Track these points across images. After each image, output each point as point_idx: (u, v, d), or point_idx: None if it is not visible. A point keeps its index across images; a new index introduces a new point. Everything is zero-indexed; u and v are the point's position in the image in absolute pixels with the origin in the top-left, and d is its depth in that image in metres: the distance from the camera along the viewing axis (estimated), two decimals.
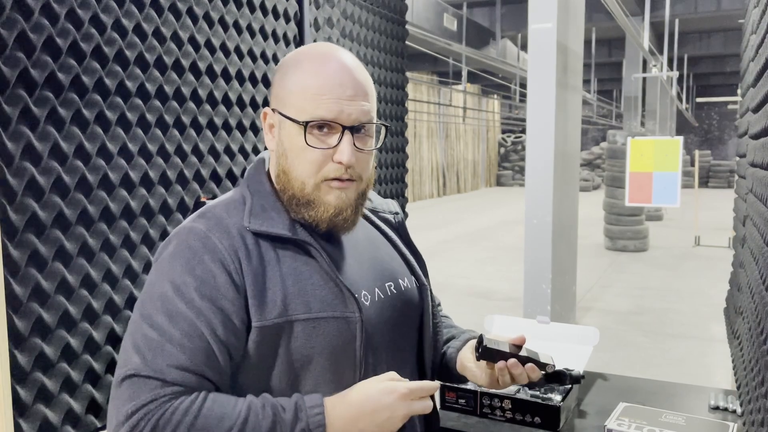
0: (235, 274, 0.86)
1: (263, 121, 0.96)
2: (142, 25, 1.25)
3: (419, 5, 8.26)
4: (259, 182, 0.96)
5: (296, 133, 0.90)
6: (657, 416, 1.32)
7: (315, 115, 0.89)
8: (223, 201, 0.95)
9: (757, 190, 1.42)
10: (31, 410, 1.04)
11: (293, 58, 0.94)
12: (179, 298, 0.84)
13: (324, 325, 0.89)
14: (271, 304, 0.86)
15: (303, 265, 0.90)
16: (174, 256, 0.87)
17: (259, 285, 0.87)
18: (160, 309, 0.84)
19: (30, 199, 1.04)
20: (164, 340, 0.82)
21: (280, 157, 0.93)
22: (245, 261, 0.87)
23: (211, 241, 0.87)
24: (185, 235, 0.88)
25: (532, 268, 4.58)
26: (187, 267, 0.85)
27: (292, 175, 0.91)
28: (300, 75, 0.90)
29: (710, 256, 8.34)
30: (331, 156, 0.90)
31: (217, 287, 0.85)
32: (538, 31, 4.43)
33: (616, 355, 4.49)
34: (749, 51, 1.86)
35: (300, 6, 1.77)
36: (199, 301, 0.84)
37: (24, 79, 1.03)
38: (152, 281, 0.87)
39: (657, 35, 12.15)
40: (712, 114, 26.26)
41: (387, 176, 2.34)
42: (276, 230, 0.90)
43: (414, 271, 1.08)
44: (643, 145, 5.21)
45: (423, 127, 17.03)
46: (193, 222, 0.90)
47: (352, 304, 0.91)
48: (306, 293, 0.89)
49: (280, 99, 0.92)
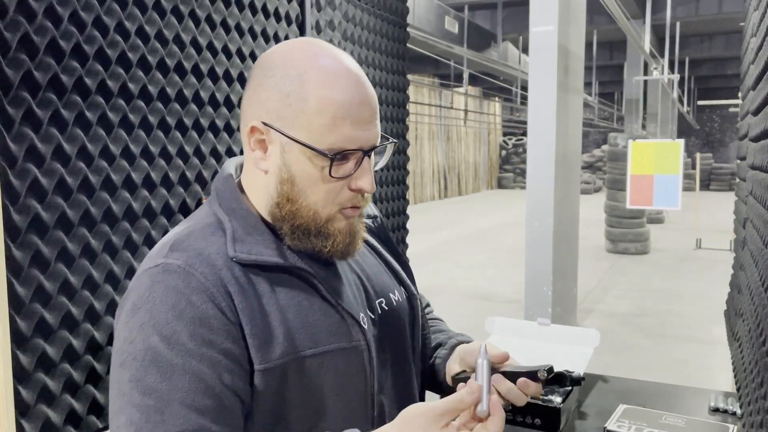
0: (229, 312, 0.74)
1: (249, 137, 0.82)
2: (145, 27, 1.26)
3: (421, 8, 8.27)
4: (234, 200, 0.83)
5: (311, 159, 0.78)
6: (657, 418, 1.33)
7: (337, 145, 0.77)
8: (195, 227, 0.81)
9: (757, 193, 1.42)
10: (33, 410, 1.04)
11: (289, 64, 0.79)
12: (172, 351, 0.71)
13: (332, 359, 0.79)
14: (273, 342, 0.76)
15: (300, 293, 0.80)
16: (152, 302, 0.73)
17: (257, 322, 0.75)
18: (151, 368, 0.70)
19: (33, 200, 1.05)
20: (163, 406, 0.69)
21: (283, 183, 0.80)
22: (238, 296, 0.75)
23: (194, 278, 0.74)
24: (159, 274, 0.74)
25: (533, 270, 4.58)
26: (173, 312, 0.72)
27: (302, 204, 0.80)
28: (310, 90, 0.77)
29: (711, 258, 8.34)
30: (348, 182, 0.80)
31: (213, 329, 0.73)
32: (540, 34, 4.43)
33: (618, 358, 4.49)
34: (749, 54, 1.86)
35: (302, 9, 1.77)
36: (197, 350, 0.72)
37: (27, 81, 1.03)
38: (129, 337, 0.73)
39: (658, 38, 12.16)
40: (713, 117, 26.25)
41: (388, 178, 2.35)
42: (267, 258, 0.79)
43: (402, 280, 0.99)
44: (644, 148, 5.22)
45: (424, 129, 17.04)
46: (165, 258, 0.76)
47: (356, 332, 0.82)
48: (309, 325, 0.79)
49: (281, 115, 0.78)
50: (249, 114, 0.81)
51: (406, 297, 0.98)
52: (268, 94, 0.79)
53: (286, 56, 0.80)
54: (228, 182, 0.85)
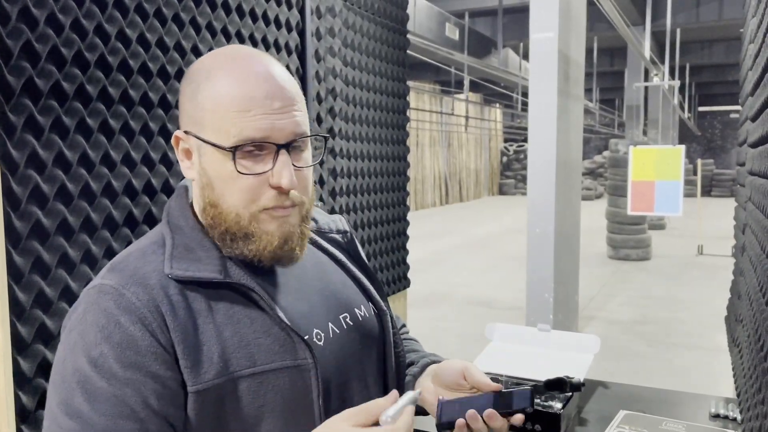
0: (160, 333, 0.72)
1: (176, 148, 0.80)
2: (146, 34, 1.27)
3: (421, 15, 8.31)
4: (181, 217, 0.81)
5: (221, 159, 0.75)
6: (657, 424, 1.32)
7: (242, 137, 0.74)
8: (139, 247, 0.80)
9: (756, 199, 1.43)
10: (34, 416, 1.05)
11: (202, 68, 0.77)
12: (98, 374, 0.69)
13: (273, 379, 0.76)
14: (207, 362, 0.73)
15: (241, 310, 0.77)
16: (84, 323, 0.72)
17: (189, 342, 0.73)
18: (77, 390, 0.69)
19: (34, 206, 1.05)
20: (86, 430, 0.68)
21: (204, 188, 0.78)
22: (170, 316, 0.73)
23: (125, 299, 0.72)
24: (94, 296, 0.73)
25: (535, 277, 4.58)
26: (102, 334, 0.70)
27: (222, 207, 0.77)
28: (215, 88, 0.75)
29: (714, 265, 8.32)
30: (267, 180, 0.76)
31: (140, 352, 0.71)
32: (540, 41, 4.45)
33: (620, 365, 4.48)
34: (748, 60, 1.87)
35: (302, 16, 1.78)
36: (123, 373, 0.70)
37: (29, 88, 1.04)
38: (62, 357, 0.72)
39: (659, 44, 12.19)
40: (714, 123, 26.27)
41: (389, 185, 2.35)
42: (204, 274, 0.76)
43: (371, 296, 0.95)
44: (645, 154, 5.22)
45: (425, 135, 17.07)
46: (102, 279, 0.75)
47: (302, 349, 0.78)
48: (248, 344, 0.75)
49: (195, 119, 0.77)
50: (179, 123, 0.81)
51: (375, 313, 0.95)
52: (184, 100, 0.79)
53: (201, 62, 0.79)
54: (180, 198, 0.84)
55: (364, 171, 2.20)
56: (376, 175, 2.27)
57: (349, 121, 2.08)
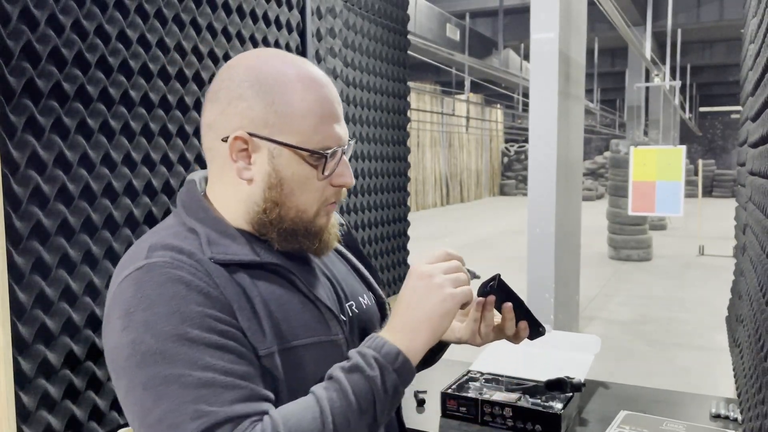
0: (224, 297, 0.75)
1: (230, 148, 0.82)
2: (146, 35, 1.27)
3: (422, 15, 8.32)
4: (203, 209, 0.84)
5: (298, 161, 0.81)
6: (658, 424, 1.32)
7: (325, 143, 0.82)
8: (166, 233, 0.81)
9: (756, 199, 1.43)
10: (34, 416, 1.05)
11: (269, 75, 0.82)
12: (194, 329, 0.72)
13: (313, 352, 0.81)
14: (261, 332, 0.77)
15: (278, 289, 0.81)
16: (148, 299, 0.72)
17: (246, 313, 0.76)
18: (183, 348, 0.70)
19: (35, 207, 1.05)
20: (210, 379, 0.70)
21: (271, 188, 0.82)
22: (226, 288, 0.76)
23: (184, 269, 0.74)
24: (146, 274, 0.74)
25: (535, 277, 4.58)
26: (175, 299, 0.72)
27: (288, 205, 0.82)
28: (295, 96, 0.81)
29: (715, 265, 8.32)
30: (330, 180, 0.84)
31: (216, 308, 0.74)
32: (541, 41, 4.45)
33: (621, 365, 4.47)
34: (748, 60, 1.87)
35: (302, 17, 1.79)
36: (214, 325, 0.73)
37: (30, 88, 1.04)
38: (138, 339, 0.71)
39: (659, 45, 12.19)
40: (715, 123, 26.26)
41: (389, 185, 2.35)
42: (243, 257, 0.80)
43: (371, 285, 1.01)
44: (646, 155, 5.22)
45: (426, 136, 17.07)
46: (147, 259, 0.76)
47: (335, 326, 0.84)
48: (290, 319, 0.80)
49: (270, 124, 0.81)
50: (224, 126, 0.82)
51: (375, 302, 1.00)
52: (249, 104, 0.81)
53: (259, 66, 0.82)
54: (193, 193, 0.87)
55: (365, 171, 2.20)
56: (377, 176, 2.27)
57: (349, 121, 2.08)
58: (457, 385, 1.49)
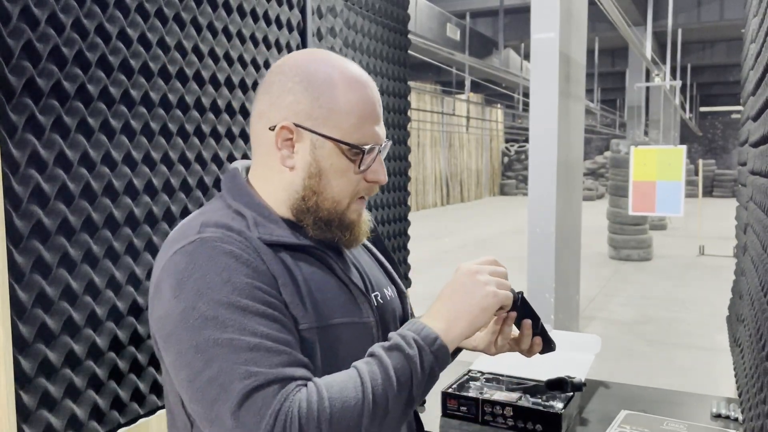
0: (270, 276, 0.82)
1: (276, 136, 0.88)
2: (147, 34, 1.27)
3: (422, 15, 8.32)
4: (247, 195, 0.91)
5: (338, 154, 0.87)
6: (659, 424, 1.32)
7: (364, 140, 0.88)
8: (213, 212, 0.88)
9: (757, 198, 1.42)
10: (35, 416, 1.05)
11: (318, 72, 0.88)
12: (244, 298, 0.77)
13: (347, 331, 0.87)
14: (303, 308, 0.83)
15: (317, 271, 0.88)
16: (201, 269, 0.78)
17: (289, 289, 0.83)
18: (234, 314, 0.76)
19: (35, 206, 1.05)
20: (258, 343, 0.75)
21: (311, 176, 0.88)
22: (272, 264, 0.82)
23: (234, 244, 0.81)
24: (199, 247, 0.80)
25: (536, 277, 4.58)
26: (227, 270, 0.78)
27: (325, 195, 0.88)
28: (340, 94, 0.87)
29: (715, 265, 8.32)
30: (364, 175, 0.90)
31: (264, 281, 0.80)
32: (541, 41, 4.45)
33: (621, 365, 4.47)
34: (749, 60, 1.87)
35: (303, 16, 1.79)
36: (261, 296, 0.79)
37: (30, 87, 1.04)
38: (190, 306, 0.77)
39: (660, 45, 12.19)
40: (716, 123, 26.26)
41: (389, 185, 2.35)
42: (286, 239, 0.86)
43: (393, 279, 1.07)
44: (646, 154, 5.22)
45: (426, 136, 17.07)
46: (199, 234, 0.82)
47: (367, 309, 0.91)
48: (328, 299, 0.86)
49: (314, 117, 0.87)
50: (273, 116, 0.89)
51: (397, 294, 1.05)
52: (296, 98, 0.88)
53: (308, 64, 0.89)
54: (237, 180, 0.93)
55: None
56: None
57: None
58: (457, 384, 1.49)
